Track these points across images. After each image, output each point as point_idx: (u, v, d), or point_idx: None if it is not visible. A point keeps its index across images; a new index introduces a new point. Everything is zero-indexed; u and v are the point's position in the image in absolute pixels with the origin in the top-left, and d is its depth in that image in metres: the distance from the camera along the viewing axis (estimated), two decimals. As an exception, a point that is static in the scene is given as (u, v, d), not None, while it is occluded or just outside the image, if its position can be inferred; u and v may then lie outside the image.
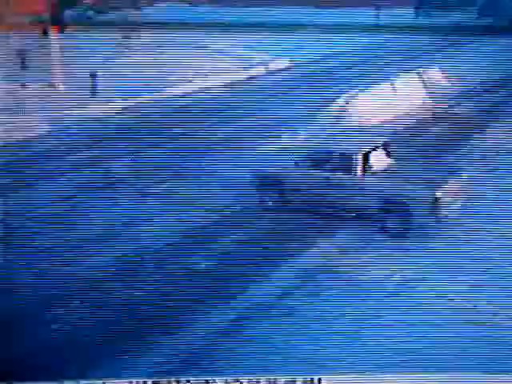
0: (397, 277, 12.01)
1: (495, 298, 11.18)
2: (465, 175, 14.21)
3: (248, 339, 10.55)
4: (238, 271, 12.09)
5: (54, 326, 10.89)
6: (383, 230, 13.48)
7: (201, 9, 39.54)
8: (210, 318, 11.12)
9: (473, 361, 9.86)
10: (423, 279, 11.80)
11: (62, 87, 23.74)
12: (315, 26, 30.79)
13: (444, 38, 29.53)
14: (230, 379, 9.91)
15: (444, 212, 13.30)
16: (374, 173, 13.92)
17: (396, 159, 14.52)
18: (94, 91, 23.04)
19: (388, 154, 14.56)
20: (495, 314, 10.93)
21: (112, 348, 10.31)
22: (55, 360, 10.10)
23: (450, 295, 11.33)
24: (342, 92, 20.86)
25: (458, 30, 30.93)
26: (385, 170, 14.05)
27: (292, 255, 12.81)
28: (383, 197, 13.48)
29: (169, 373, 9.98)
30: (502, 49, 25.87)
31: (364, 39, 30.09)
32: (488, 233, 12.87)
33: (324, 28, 30.27)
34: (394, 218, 13.46)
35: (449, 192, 13.49)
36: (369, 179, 13.80)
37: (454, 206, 13.63)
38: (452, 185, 13.66)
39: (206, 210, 14.54)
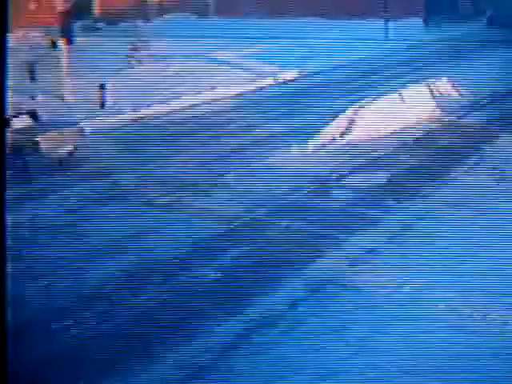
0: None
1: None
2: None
3: (256, 351, 10.52)
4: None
5: (61, 337, 10.87)
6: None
7: (209, 21, 39.64)
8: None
9: (482, 374, 9.80)
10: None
11: (70, 99, 23.79)
12: (324, 37, 30.82)
13: (453, 49, 29.50)
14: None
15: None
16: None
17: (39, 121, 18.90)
18: (103, 102, 23.09)
19: (35, 119, 18.95)
20: (506, 324, 10.88)
21: (120, 359, 10.28)
22: (62, 371, 10.08)
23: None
24: (351, 103, 20.89)
25: (467, 40, 30.90)
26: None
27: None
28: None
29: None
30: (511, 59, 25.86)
31: (373, 50, 30.10)
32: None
33: (333, 39, 30.33)
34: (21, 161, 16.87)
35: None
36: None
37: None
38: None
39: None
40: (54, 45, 24.77)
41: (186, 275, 12.57)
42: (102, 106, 23.05)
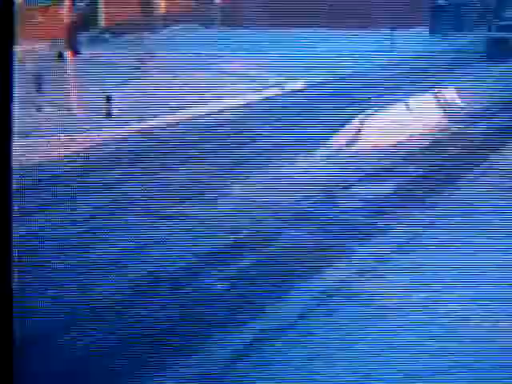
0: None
1: None
2: None
3: (263, 363, 10.47)
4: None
5: (68, 351, 10.83)
6: None
7: (215, 31, 39.71)
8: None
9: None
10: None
11: (77, 110, 23.82)
12: (330, 47, 30.84)
13: (460, 58, 29.48)
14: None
15: None
16: None
17: None
18: (109, 114, 23.11)
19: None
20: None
21: (126, 372, 10.24)
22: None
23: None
24: (357, 113, 20.86)
25: (474, 50, 30.89)
26: None
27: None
28: None
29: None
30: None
31: (379, 60, 30.10)
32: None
33: (339, 49, 30.33)
34: None
35: None
36: None
37: None
38: None
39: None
40: (60, 56, 24.81)
41: (194, 286, 12.53)
42: (109, 116, 23.06)
